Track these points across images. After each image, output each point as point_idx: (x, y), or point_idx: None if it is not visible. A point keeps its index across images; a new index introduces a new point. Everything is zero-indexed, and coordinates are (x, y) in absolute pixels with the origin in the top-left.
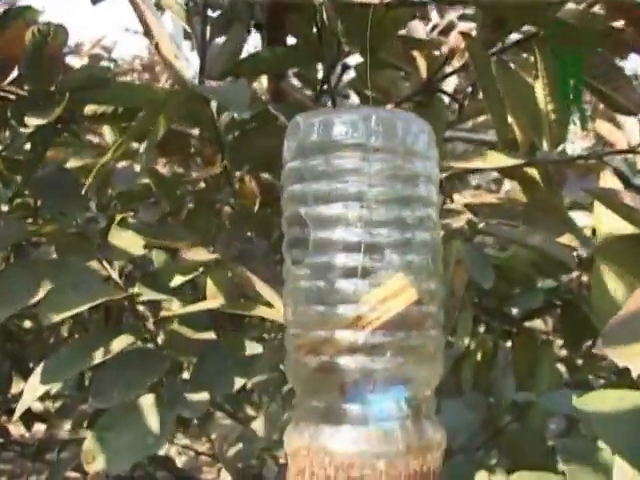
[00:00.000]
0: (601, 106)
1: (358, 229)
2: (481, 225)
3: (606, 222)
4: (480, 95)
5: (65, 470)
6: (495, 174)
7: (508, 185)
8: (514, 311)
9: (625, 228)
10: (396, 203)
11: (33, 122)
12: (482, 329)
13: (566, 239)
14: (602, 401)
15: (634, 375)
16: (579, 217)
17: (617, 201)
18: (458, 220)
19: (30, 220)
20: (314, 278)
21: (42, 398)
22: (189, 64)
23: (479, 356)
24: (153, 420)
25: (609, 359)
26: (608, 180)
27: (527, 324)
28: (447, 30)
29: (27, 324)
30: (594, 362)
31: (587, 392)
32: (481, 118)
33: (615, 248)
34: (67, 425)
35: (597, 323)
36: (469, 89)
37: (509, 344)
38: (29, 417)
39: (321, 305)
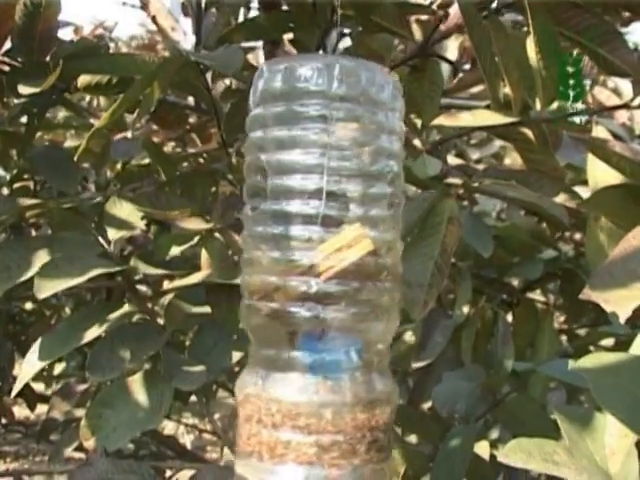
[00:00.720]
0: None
1: (317, 177)
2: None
3: (599, 175)
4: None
5: (66, 449)
6: (496, 148)
7: (509, 160)
8: (514, 282)
9: (616, 179)
10: (357, 151)
11: (27, 91)
12: (482, 300)
13: (561, 199)
14: (599, 362)
15: (621, 320)
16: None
17: (607, 149)
18: (451, 180)
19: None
20: (270, 224)
21: (46, 379)
22: (187, 38)
23: (478, 326)
24: (150, 394)
25: (610, 328)
26: (600, 134)
27: (527, 295)
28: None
29: (29, 306)
30: (595, 333)
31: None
32: (480, 87)
33: (604, 199)
34: (69, 405)
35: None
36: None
37: (509, 315)
38: (33, 398)
39: (275, 251)
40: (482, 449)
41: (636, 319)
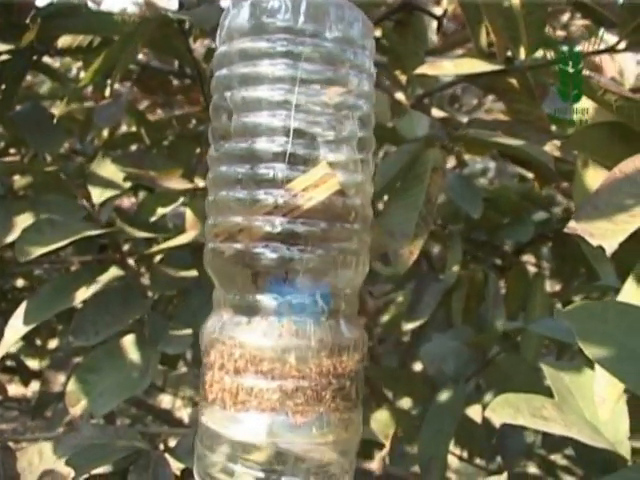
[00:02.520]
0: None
1: (283, 114)
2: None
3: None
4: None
5: (61, 422)
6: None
7: None
8: (506, 246)
9: (605, 117)
10: (326, 90)
11: (3, 47)
12: (472, 264)
13: (548, 148)
14: (585, 310)
15: (607, 253)
16: None
17: (592, 84)
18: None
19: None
20: (235, 164)
21: (41, 355)
22: (171, 2)
23: (469, 289)
24: (136, 359)
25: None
26: None
27: (519, 258)
28: None
29: (20, 283)
30: (586, 287)
31: None
32: (468, 46)
33: (588, 137)
34: (64, 378)
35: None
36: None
37: (501, 280)
38: (27, 374)
39: (240, 191)
40: (474, 412)
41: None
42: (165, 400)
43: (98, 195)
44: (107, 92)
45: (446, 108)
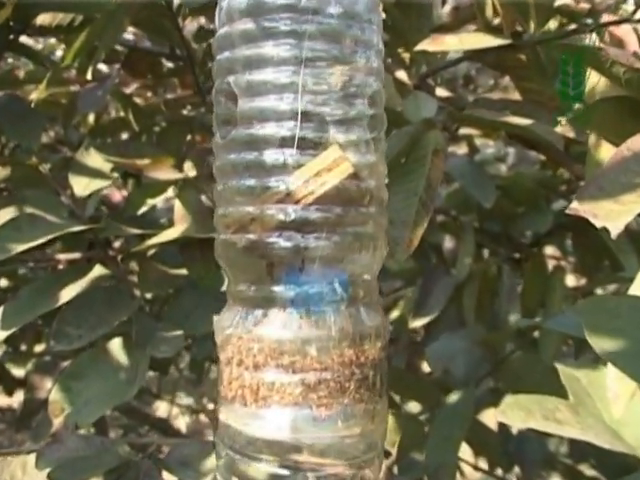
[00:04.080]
0: None
1: (290, 97)
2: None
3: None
4: None
5: (47, 433)
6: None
7: None
8: (522, 238)
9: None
10: (332, 69)
11: None
12: (485, 257)
13: (561, 128)
14: (597, 305)
15: (613, 236)
16: None
17: (599, 56)
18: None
19: None
20: (243, 151)
21: (25, 361)
22: None
23: (482, 283)
24: (123, 364)
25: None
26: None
27: (537, 250)
28: None
29: (4, 283)
30: (609, 278)
31: None
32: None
33: (596, 113)
34: (49, 384)
35: None
36: None
37: (518, 273)
38: (11, 383)
39: (250, 179)
40: (488, 417)
41: None
42: (161, 408)
43: (82, 188)
44: (89, 74)
45: (459, 90)
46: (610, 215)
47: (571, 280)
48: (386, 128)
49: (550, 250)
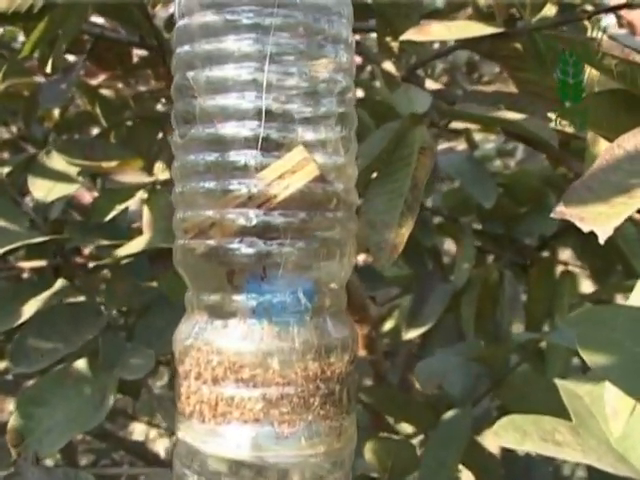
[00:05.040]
0: None
1: (253, 94)
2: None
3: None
4: None
5: (7, 461)
6: None
7: None
8: (527, 240)
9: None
10: (298, 64)
11: None
12: (487, 261)
13: (560, 124)
14: (592, 316)
15: (601, 240)
16: None
17: (590, 47)
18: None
19: None
20: (203, 151)
21: None
22: None
23: (482, 290)
24: (89, 387)
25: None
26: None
27: (543, 254)
28: None
29: None
30: (621, 285)
31: None
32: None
33: (588, 107)
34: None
35: None
36: None
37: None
38: None
39: (210, 182)
40: (489, 439)
41: None
42: (137, 430)
43: (44, 193)
44: (49, 67)
45: (459, 79)
46: (598, 218)
47: (588, 286)
48: (378, 122)
49: (559, 253)
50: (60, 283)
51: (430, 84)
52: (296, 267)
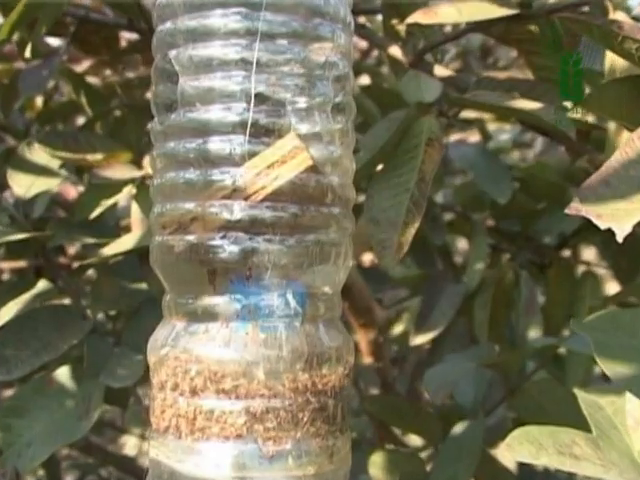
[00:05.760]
0: None
1: (240, 75)
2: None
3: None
4: None
5: None
6: None
7: None
8: (545, 239)
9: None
10: (291, 44)
11: None
12: (502, 260)
13: (579, 114)
14: (610, 320)
15: (619, 239)
16: None
17: (607, 30)
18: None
19: None
20: (184, 138)
21: None
22: None
23: (496, 292)
24: (73, 396)
25: None
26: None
27: (563, 253)
28: None
29: None
30: None
31: None
32: None
33: (607, 95)
34: None
35: None
36: None
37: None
38: None
39: (191, 172)
40: (503, 453)
41: None
42: (129, 444)
43: (25, 188)
44: (28, 51)
45: (473, 64)
46: (616, 215)
47: (613, 288)
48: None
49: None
50: (42, 284)
51: (440, 70)
52: (286, 267)
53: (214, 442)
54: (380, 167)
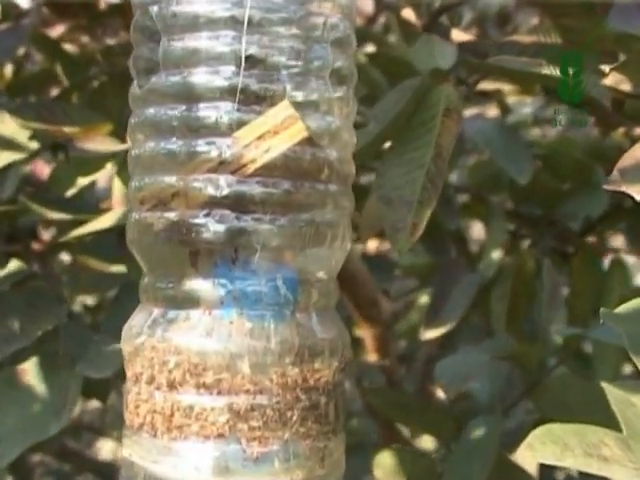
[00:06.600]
0: None
1: (229, 35)
2: None
3: None
4: None
5: None
6: None
7: None
8: (570, 223)
9: None
10: (287, 1)
11: None
12: (522, 247)
13: (613, 80)
14: None
15: None
16: None
17: None
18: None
19: None
20: (165, 104)
21: None
22: None
23: (515, 282)
24: (47, 388)
25: None
26: None
27: (589, 240)
28: None
29: None
30: None
31: None
32: None
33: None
34: None
35: None
36: None
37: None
38: None
39: (173, 142)
40: (523, 455)
41: None
42: (106, 448)
43: None
44: None
45: (490, 31)
46: None
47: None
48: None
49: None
50: (13, 265)
51: (458, 35)
52: (276, 249)
53: (193, 442)
54: (391, 142)
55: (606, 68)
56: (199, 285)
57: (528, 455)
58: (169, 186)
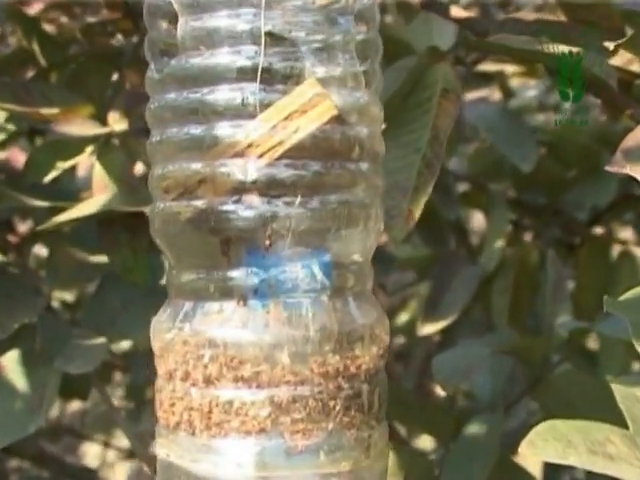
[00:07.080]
0: None
1: (250, 13)
2: None
3: None
4: None
5: None
6: None
7: None
8: (575, 213)
9: None
10: None
11: None
12: (525, 238)
13: (621, 60)
14: None
15: None
16: None
17: None
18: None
19: None
20: (186, 87)
21: None
22: None
23: (518, 274)
24: (23, 384)
25: None
26: None
27: (596, 230)
28: None
29: None
30: None
31: None
32: None
33: None
34: None
35: None
36: None
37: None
38: None
39: (196, 127)
40: (525, 454)
41: None
42: (91, 452)
43: None
44: None
45: (492, 11)
46: None
47: None
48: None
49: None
50: None
51: (457, 11)
52: (309, 233)
53: (234, 438)
54: (386, 124)
55: (611, 45)
56: (232, 275)
57: (529, 453)
58: (195, 173)
